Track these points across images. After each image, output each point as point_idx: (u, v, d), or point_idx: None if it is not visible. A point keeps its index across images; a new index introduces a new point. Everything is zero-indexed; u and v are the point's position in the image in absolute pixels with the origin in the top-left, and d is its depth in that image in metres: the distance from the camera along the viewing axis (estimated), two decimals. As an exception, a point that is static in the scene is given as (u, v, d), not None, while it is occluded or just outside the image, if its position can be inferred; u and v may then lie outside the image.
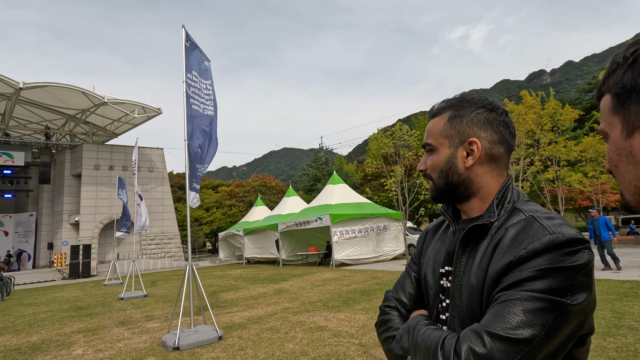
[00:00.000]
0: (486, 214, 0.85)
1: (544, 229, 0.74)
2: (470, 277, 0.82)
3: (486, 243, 0.82)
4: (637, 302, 5.97)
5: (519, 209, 0.83)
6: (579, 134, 25.43)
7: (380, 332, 0.98)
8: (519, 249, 0.74)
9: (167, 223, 28.36)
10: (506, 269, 0.74)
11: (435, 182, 0.93)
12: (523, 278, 0.70)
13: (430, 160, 0.94)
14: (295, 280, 12.42)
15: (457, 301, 0.84)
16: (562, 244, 0.71)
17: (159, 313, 8.24)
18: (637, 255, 13.27)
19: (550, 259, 0.70)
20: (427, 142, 0.95)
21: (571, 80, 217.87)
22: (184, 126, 6.06)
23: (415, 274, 1.04)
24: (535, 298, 0.68)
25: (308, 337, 5.26)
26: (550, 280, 0.68)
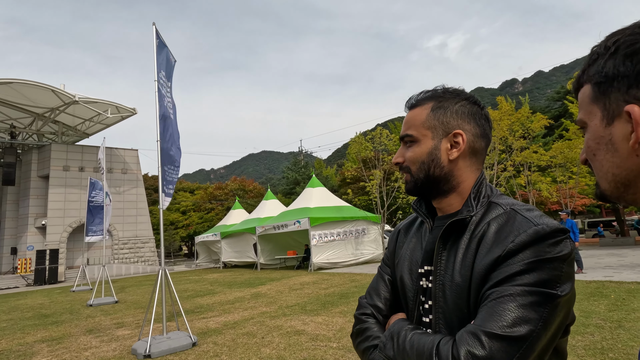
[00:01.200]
0: (464, 208, 0.83)
1: (528, 221, 0.73)
2: (453, 275, 0.79)
3: (467, 239, 0.80)
4: (602, 301, 6.22)
5: (495, 203, 0.82)
6: (548, 141, 26.47)
7: (358, 343, 0.91)
8: (507, 243, 0.72)
9: (141, 226, 27.49)
10: (494, 264, 0.72)
11: (413, 174, 0.89)
12: (513, 272, 0.69)
13: (411, 152, 0.89)
14: (273, 284, 12.27)
15: (440, 302, 0.80)
16: (547, 235, 0.70)
17: (130, 320, 7.93)
18: (602, 257, 13.89)
19: (538, 251, 0.69)
20: (408, 134, 0.90)
21: (541, 89, 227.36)
22: (156, 126, 5.88)
23: (389, 276, 0.99)
24: (528, 292, 0.66)
25: (285, 342, 5.18)
26: (540, 272, 0.68)
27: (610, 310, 5.60)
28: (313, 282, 11.86)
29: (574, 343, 4.21)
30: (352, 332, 0.95)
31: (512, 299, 0.67)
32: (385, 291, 0.97)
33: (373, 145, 16.32)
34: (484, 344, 0.65)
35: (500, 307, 0.67)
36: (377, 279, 1.01)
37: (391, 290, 0.97)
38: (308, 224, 15.72)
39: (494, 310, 0.67)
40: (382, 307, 0.94)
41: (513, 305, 0.66)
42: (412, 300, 0.89)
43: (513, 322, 0.65)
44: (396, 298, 0.95)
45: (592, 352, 3.89)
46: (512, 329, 0.65)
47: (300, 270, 16.39)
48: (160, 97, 6.04)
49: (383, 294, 0.96)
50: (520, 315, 0.65)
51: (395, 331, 0.82)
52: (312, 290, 10.10)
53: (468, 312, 0.75)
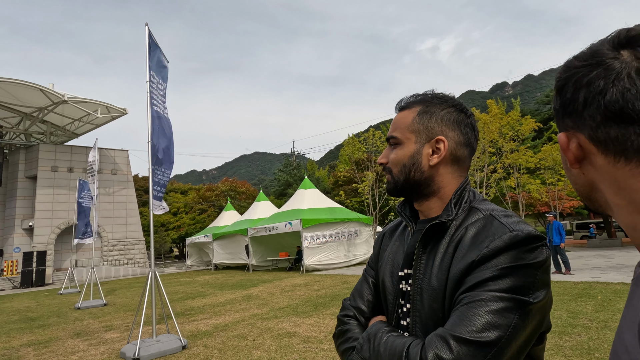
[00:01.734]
0: (444, 213, 0.84)
1: (504, 227, 0.74)
2: (431, 279, 0.79)
3: (445, 243, 0.81)
4: (590, 302, 6.33)
5: (476, 208, 0.83)
6: (537, 144, 26.85)
7: (339, 344, 0.92)
8: (481, 248, 0.73)
9: (131, 228, 27.16)
10: (468, 269, 0.73)
11: (394, 176, 0.90)
12: (486, 278, 0.69)
13: (394, 154, 0.90)
14: (264, 285, 12.23)
15: (418, 305, 0.81)
16: (522, 241, 0.70)
17: (119, 323, 7.82)
18: (590, 258, 14.12)
19: (512, 257, 0.69)
20: (393, 135, 0.92)
21: (531, 92, 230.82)
22: (147, 126, 5.82)
23: (372, 279, 1.00)
24: (499, 298, 0.67)
25: (276, 344, 5.16)
26: (513, 278, 0.68)
27: (597, 310, 5.69)
28: (305, 283, 11.84)
29: (561, 343, 4.28)
30: (334, 334, 0.96)
31: (483, 304, 0.67)
32: (368, 294, 0.98)
33: (366, 146, 16.38)
34: (452, 348, 0.65)
35: (471, 312, 0.67)
36: (361, 281, 1.02)
37: (374, 293, 0.98)
38: (300, 226, 15.70)
39: (465, 315, 0.68)
40: (365, 309, 0.95)
41: (483, 310, 0.66)
42: (391, 303, 0.90)
43: (482, 328, 0.65)
44: (379, 301, 0.96)
45: (579, 352, 3.95)
46: (480, 334, 0.65)
47: (292, 272, 16.35)
48: (152, 97, 5.99)
49: (366, 297, 0.97)
50: (489, 320, 0.65)
51: (372, 333, 0.83)
52: (303, 292, 10.08)
53: (443, 316, 0.76)
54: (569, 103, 0.47)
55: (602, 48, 0.45)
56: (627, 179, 0.44)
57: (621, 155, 0.43)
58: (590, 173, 0.48)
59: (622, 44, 0.44)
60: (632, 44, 0.43)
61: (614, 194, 0.46)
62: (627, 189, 0.44)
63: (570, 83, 0.47)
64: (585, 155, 0.47)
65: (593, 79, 0.44)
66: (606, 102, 0.43)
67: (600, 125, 0.44)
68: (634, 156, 0.43)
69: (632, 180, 0.43)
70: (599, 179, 0.47)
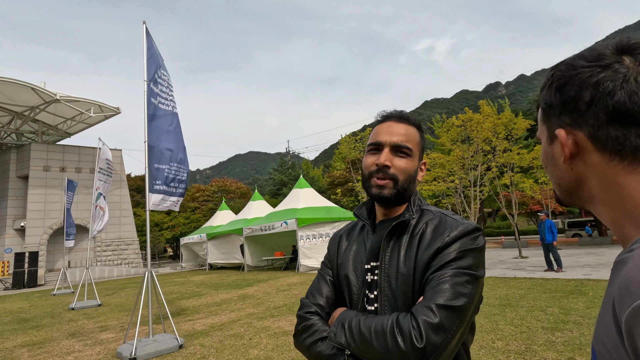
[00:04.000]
0: (406, 213, 1.00)
1: (456, 222, 0.94)
2: (398, 267, 0.93)
3: (407, 238, 0.97)
4: (581, 298, 6.44)
5: (427, 210, 1.02)
6: (530, 143, 27.12)
7: (303, 339, 0.96)
8: (444, 237, 0.91)
9: (125, 228, 26.97)
10: (435, 254, 0.90)
11: (400, 183, 0.99)
12: (450, 259, 0.87)
13: (404, 164, 1.00)
14: (260, 285, 12.23)
15: (386, 290, 0.94)
16: (471, 231, 0.91)
17: (115, 323, 7.79)
18: (581, 255, 14.33)
19: (465, 243, 0.89)
20: (407, 146, 1.00)
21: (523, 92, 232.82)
22: (144, 126, 5.80)
23: (330, 277, 1.08)
24: (461, 273, 0.85)
25: (273, 343, 5.19)
26: (468, 259, 0.88)
27: (589, 307, 5.80)
28: (300, 283, 11.87)
29: (553, 339, 4.36)
30: (296, 331, 1.00)
31: (450, 279, 0.85)
32: (327, 290, 1.05)
33: (362, 146, 16.45)
34: (435, 313, 0.81)
35: (443, 286, 0.84)
36: (318, 279, 1.10)
37: (332, 290, 1.05)
38: (296, 225, 15.71)
39: (439, 289, 0.84)
40: (324, 305, 1.02)
41: (451, 283, 0.84)
42: (356, 294, 0.99)
43: (453, 296, 0.82)
44: (337, 297, 1.05)
45: (571, 348, 4.03)
46: (453, 301, 0.82)
47: (288, 271, 16.36)
48: (151, 96, 5.96)
49: (325, 293, 1.04)
50: (457, 290, 0.83)
51: (344, 319, 0.91)
52: (299, 291, 10.11)
53: (412, 296, 0.91)
54: (570, 101, 0.50)
55: (606, 51, 0.48)
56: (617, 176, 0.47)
57: (617, 154, 0.47)
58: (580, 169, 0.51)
59: (624, 50, 0.48)
60: (633, 51, 0.47)
61: (602, 190, 0.49)
62: (616, 185, 0.47)
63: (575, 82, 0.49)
64: (578, 152, 0.50)
65: (601, 80, 0.47)
66: (614, 103, 0.46)
67: (603, 125, 0.47)
68: (628, 156, 0.46)
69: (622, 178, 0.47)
70: (589, 175, 0.50)
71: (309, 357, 0.95)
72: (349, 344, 0.87)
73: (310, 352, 0.94)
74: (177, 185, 6.13)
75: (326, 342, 0.92)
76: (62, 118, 25.50)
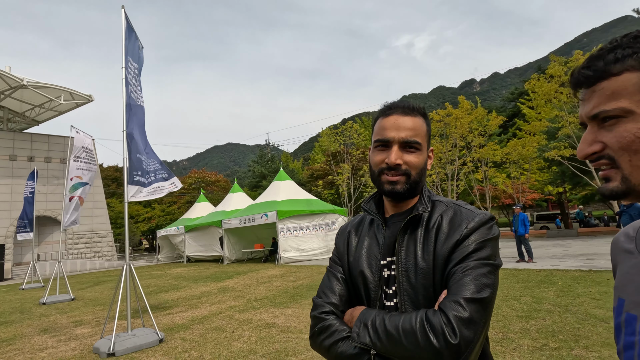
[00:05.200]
0: (419, 206, 0.99)
1: (472, 212, 0.95)
2: (417, 261, 0.93)
3: (422, 231, 0.96)
4: (552, 288, 6.75)
5: (438, 201, 1.02)
6: (503, 139, 27.97)
7: (322, 340, 0.93)
8: (462, 229, 0.91)
9: (98, 220, 26.08)
10: (454, 247, 0.90)
11: (412, 178, 0.98)
12: (470, 251, 0.88)
13: (414, 158, 0.98)
14: (240, 277, 12.15)
15: (405, 285, 0.92)
16: (486, 221, 0.92)
17: (90, 317, 7.57)
18: (550, 247, 14.99)
19: (483, 233, 0.90)
20: (417, 141, 0.98)
21: (497, 89, 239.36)
22: (123, 114, 5.60)
23: (341, 274, 1.05)
24: (483, 264, 0.86)
25: (256, 335, 5.18)
26: (487, 249, 0.88)
27: (559, 296, 6.09)
28: (281, 275, 11.87)
29: (528, 327, 4.56)
30: (313, 332, 0.97)
31: (473, 271, 0.85)
32: (339, 288, 1.02)
33: (342, 139, 16.51)
34: (465, 308, 0.80)
35: (467, 279, 0.84)
36: (329, 277, 1.06)
37: (345, 287, 1.03)
38: (276, 217, 15.65)
39: (464, 282, 0.84)
40: (339, 304, 0.99)
41: (475, 275, 0.84)
42: (374, 291, 0.97)
43: (479, 288, 0.82)
44: (349, 294, 1.02)
45: (544, 335, 4.23)
46: (479, 294, 0.82)
47: (268, 264, 16.33)
48: (128, 84, 5.75)
49: (338, 291, 1.02)
50: (482, 282, 0.83)
51: (366, 319, 0.88)
52: (280, 283, 10.12)
53: (434, 290, 0.90)
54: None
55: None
56: None
57: None
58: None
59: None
60: None
61: None
62: None
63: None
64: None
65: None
66: None
67: None
68: None
69: None
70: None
71: (330, 359, 0.92)
72: (375, 344, 0.85)
73: (330, 353, 0.91)
74: (156, 175, 5.98)
75: (347, 342, 0.89)
76: (30, 105, 24.20)
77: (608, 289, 6.30)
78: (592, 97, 0.54)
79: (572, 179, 21.05)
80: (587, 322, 4.59)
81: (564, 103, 11.40)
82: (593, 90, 0.54)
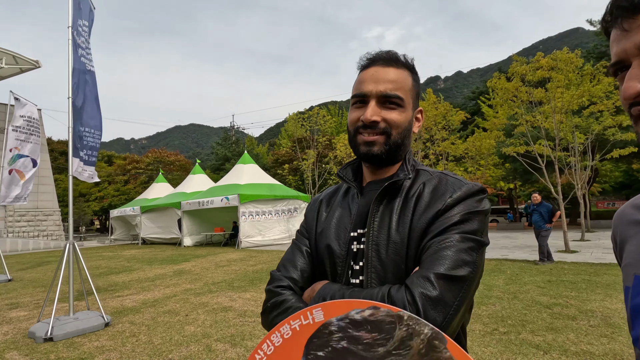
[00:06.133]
0: (400, 172, 0.87)
1: (459, 181, 0.83)
2: (390, 234, 0.81)
3: (400, 201, 0.84)
4: (501, 276, 7.11)
5: (423, 170, 0.90)
6: (463, 135, 29.15)
7: (273, 317, 0.83)
8: (445, 198, 0.79)
9: (44, 197, 24.24)
10: (434, 218, 0.78)
11: (392, 138, 0.85)
12: (453, 222, 0.76)
13: (397, 115, 0.85)
14: (198, 260, 11.80)
15: (374, 261, 0.81)
16: (476, 192, 0.81)
17: (28, 300, 7.00)
18: (499, 238, 15.92)
19: (470, 205, 0.78)
20: (398, 95, 0.85)
21: (459, 88, 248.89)
22: (68, 79, 5.08)
23: (306, 247, 0.94)
24: (465, 239, 0.74)
25: (211, 319, 5.01)
26: (473, 223, 0.76)
27: (508, 284, 6.42)
28: (240, 259, 11.66)
29: (479, 312, 4.74)
30: (265, 308, 0.86)
31: (452, 244, 0.73)
32: (302, 262, 0.92)
33: (309, 125, 16.35)
34: (434, 284, 0.68)
35: (444, 253, 0.72)
36: (292, 250, 0.96)
37: (309, 262, 0.92)
38: (237, 201, 15.31)
39: (440, 256, 0.72)
40: (298, 279, 0.88)
41: (454, 250, 0.72)
42: (340, 266, 0.86)
43: (455, 265, 0.71)
44: (313, 270, 0.91)
45: (494, 320, 4.42)
46: (455, 270, 0.70)
47: (227, 247, 16.01)
48: (75, 47, 5.21)
49: (300, 265, 0.91)
50: (460, 257, 0.72)
51: (326, 294, 0.78)
52: (239, 267, 9.92)
53: (405, 267, 0.78)
54: None
55: None
56: None
57: None
58: None
59: None
60: None
61: None
62: None
63: None
64: None
65: None
66: None
67: None
68: None
69: None
70: None
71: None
72: None
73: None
74: (91, 153, 5.53)
75: None
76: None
77: (551, 278, 6.73)
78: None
79: (522, 176, 22.34)
80: (533, 308, 4.85)
81: (521, 102, 11.94)
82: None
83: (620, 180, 23.32)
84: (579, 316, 4.42)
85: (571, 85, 12.80)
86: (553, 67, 11.10)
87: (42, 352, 4.03)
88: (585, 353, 3.36)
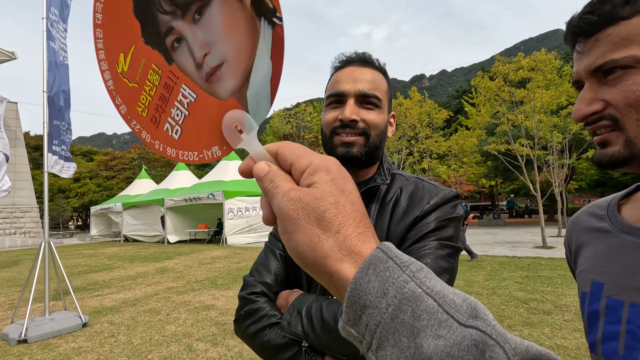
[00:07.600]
0: (377, 177, 0.88)
1: (435, 187, 0.84)
2: None
3: (376, 206, 0.84)
4: (481, 272, 7.26)
5: (399, 174, 0.91)
6: (446, 133, 29.58)
7: (246, 326, 0.80)
8: (422, 204, 0.80)
9: (21, 193, 23.46)
10: (412, 225, 0.79)
11: (371, 139, 0.84)
12: (430, 230, 0.77)
13: (375, 116, 0.84)
14: (181, 258, 11.65)
15: None
16: (451, 198, 0.82)
17: (2, 300, 6.79)
18: (480, 235, 16.24)
19: (446, 211, 0.80)
20: (376, 95, 0.84)
21: (444, 86, 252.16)
22: (43, 73, 4.92)
23: (280, 251, 0.91)
24: (443, 245, 0.75)
25: (193, 318, 4.96)
26: (449, 229, 0.78)
27: (487, 279, 6.56)
28: (225, 256, 11.57)
29: (458, 308, 4.83)
30: (239, 316, 0.84)
31: (431, 252, 0.74)
32: (276, 267, 0.89)
33: (296, 121, 16.29)
34: None
35: (423, 261, 0.71)
36: (265, 254, 0.93)
37: (283, 266, 0.90)
38: (223, 197, 15.17)
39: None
40: (273, 283, 0.86)
41: (432, 257, 0.73)
42: None
43: (435, 272, 0.67)
44: (287, 274, 0.89)
45: (472, 315, 4.51)
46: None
47: (211, 245, 15.86)
48: (49, 39, 5.03)
49: (274, 270, 0.89)
50: (439, 265, 0.72)
51: (301, 305, 0.76)
52: (223, 264, 9.84)
53: None
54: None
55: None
56: None
57: None
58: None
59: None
60: None
61: None
62: None
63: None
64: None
65: None
66: None
67: None
68: None
69: None
70: None
71: (254, 347, 0.78)
72: (307, 335, 0.72)
73: (255, 342, 0.78)
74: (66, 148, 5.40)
75: (275, 330, 0.76)
76: None
77: (529, 274, 6.91)
78: (595, 46, 0.46)
79: (503, 174, 22.84)
80: (510, 303, 4.98)
81: (503, 101, 12.19)
82: (597, 39, 0.46)
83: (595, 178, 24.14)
84: (554, 311, 4.56)
85: (551, 86, 13.14)
86: (533, 68, 11.35)
87: (15, 354, 3.92)
88: (560, 347, 3.47)
